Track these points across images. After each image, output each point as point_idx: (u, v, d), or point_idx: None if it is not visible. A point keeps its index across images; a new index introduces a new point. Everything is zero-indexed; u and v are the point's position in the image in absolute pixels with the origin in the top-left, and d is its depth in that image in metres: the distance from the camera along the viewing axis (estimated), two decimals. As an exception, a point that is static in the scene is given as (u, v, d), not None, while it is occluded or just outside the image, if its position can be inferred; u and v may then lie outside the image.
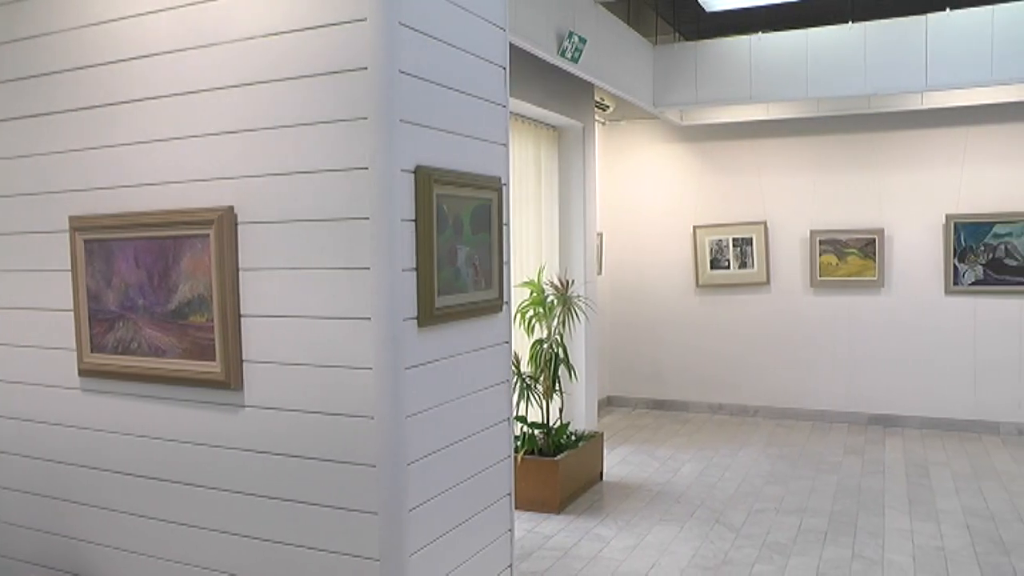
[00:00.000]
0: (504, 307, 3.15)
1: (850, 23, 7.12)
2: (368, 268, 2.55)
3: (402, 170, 2.56)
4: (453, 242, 2.77)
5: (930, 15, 6.86)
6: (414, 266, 2.62)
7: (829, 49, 7.18)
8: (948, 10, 6.82)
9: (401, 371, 2.57)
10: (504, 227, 3.10)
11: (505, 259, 3.13)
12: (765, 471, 6.74)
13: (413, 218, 2.61)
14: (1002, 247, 7.85)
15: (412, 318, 2.62)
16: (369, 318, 2.55)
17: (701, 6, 6.46)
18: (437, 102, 2.73)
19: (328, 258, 2.61)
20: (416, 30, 2.61)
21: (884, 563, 4.85)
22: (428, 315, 2.65)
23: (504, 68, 3.14)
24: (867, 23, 7.06)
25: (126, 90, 2.95)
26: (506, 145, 3.15)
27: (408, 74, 2.58)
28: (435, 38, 2.72)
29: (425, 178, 2.61)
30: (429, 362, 2.71)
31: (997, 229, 7.86)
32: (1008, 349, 7.94)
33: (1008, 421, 7.97)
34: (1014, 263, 7.84)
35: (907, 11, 6.99)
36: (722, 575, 4.67)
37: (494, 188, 3.01)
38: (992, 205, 7.91)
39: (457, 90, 2.84)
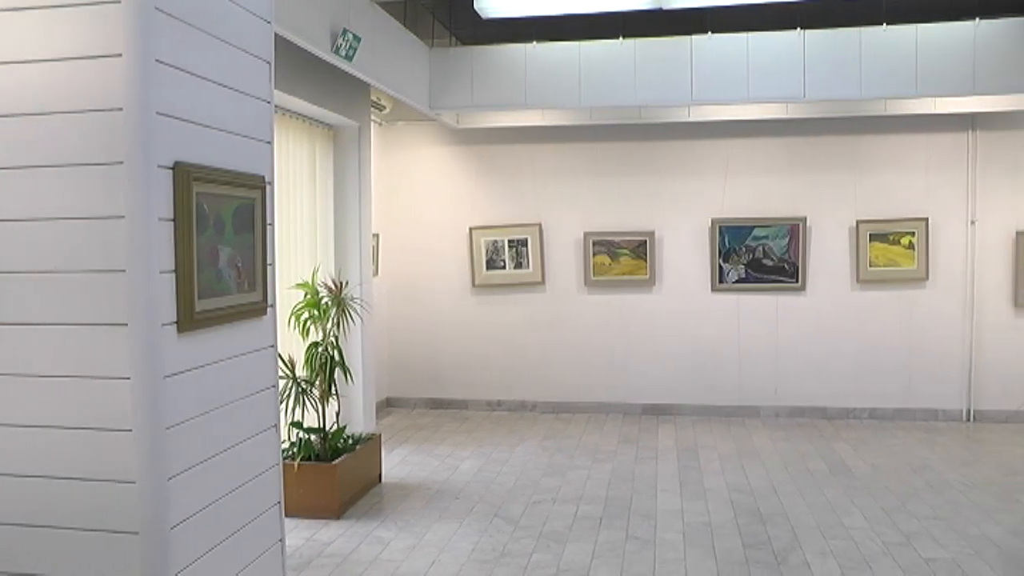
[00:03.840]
0: (269, 310, 3.05)
1: (621, 39, 7.45)
2: (123, 271, 2.39)
3: (159, 166, 2.41)
4: (214, 243, 2.65)
5: (694, 36, 7.35)
6: (173, 268, 2.47)
7: (601, 62, 7.49)
8: (710, 33, 7.31)
9: (160, 380, 2.42)
10: (268, 227, 3.00)
11: (270, 260, 3.03)
12: (543, 464, 6.93)
13: (171, 217, 2.47)
14: (760, 248, 8.54)
15: (171, 323, 2.48)
16: (125, 324, 2.39)
17: (477, 12, 6.53)
18: (197, 95, 2.60)
19: (81, 260, 2.42)
20: (173, 16, 2.47)
21: (656, 542, 5.12)
22: (188, 320, 2.52)
23: (269, 63, 3.03)
24: (637, 40, 7.44)
25: None
26: (271, 143, 3.05)
27: (165, 64, 2.43)
28: (195, 27, 2.58)
29: (184, 175, 2.48)
30: (190, 369, 2.58)
31: (756, 232, 8.53)
32: (766, 341, 8.66)
33: (767, 405, 8.67)
34: (770, 263, 8.54)
35: (674, 32, 7.41)
36: (500, 567, 4.75)
37: (258, 187, 2.90)
38: (752, 210, 8.60)
39: (219, 83, 2.72)
